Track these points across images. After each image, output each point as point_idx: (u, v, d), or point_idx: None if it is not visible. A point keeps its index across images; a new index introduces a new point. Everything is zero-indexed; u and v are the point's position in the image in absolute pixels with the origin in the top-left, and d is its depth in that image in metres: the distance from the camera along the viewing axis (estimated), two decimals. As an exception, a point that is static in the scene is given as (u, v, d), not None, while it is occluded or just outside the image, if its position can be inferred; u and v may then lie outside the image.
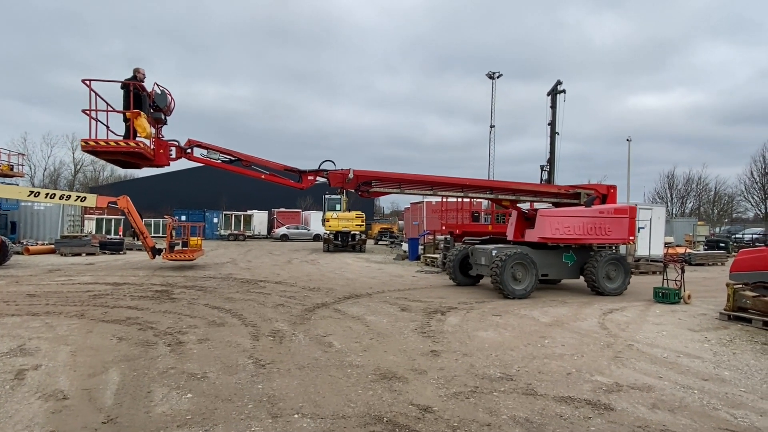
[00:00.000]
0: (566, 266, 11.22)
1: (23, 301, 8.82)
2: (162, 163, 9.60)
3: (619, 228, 11.09)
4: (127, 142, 8.65)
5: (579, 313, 8.56)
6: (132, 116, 8.65)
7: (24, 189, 17.67)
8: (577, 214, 10.93)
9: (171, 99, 9.60)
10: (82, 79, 8.63)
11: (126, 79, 9.02)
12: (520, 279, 10.17)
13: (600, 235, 10.96)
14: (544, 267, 10.85)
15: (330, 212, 26.45)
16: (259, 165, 9.97)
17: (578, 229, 10.75)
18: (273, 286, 11.57)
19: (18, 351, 5.46)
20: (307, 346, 5.98)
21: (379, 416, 3.84)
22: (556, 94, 27.54)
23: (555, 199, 11.90)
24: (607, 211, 11.11)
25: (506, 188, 11.44)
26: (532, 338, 6.58)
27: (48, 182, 55.08)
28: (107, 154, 9.13)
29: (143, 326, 6.84)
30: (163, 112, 9.46)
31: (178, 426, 3.60)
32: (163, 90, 9.45)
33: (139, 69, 9.38)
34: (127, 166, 10.39)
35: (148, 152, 8.98)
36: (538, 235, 10.84)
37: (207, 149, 9.78)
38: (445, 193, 11.53)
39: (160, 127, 9.63)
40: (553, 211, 11.20)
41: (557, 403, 4.20)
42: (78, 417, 3.73)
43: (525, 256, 10.21)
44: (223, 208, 43.74)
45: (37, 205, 25.97)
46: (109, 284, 11.34)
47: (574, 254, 11.23)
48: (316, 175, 10.15)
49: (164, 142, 9.55)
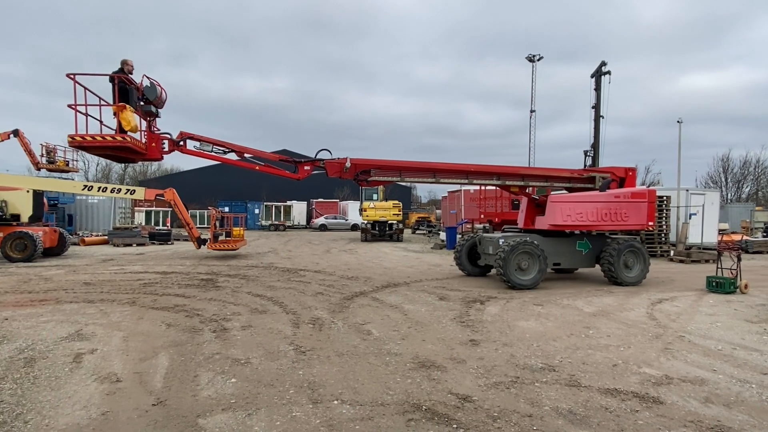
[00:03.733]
0: (580, 254, 10.66)
1: (80, 289, 9.34)
2: (154, 156, 9.48)
3: (637, 213, 10.32)
4: (114, 136, 8.53)
5: (626, 302, 8.25)
6: (117, 110, 8.54)
7: (79, 183, 18.66)
8: (590, 199, 10.28)
9: (161, 90, 9.37)
10: (67, 73, 8.47)
11: (113, 72, 8.88)
12: (526, 269, 9.68)
13: (616, 221, 10.25)
14: (555, 255, 10.39)
15: (367, 202, 26.58)
16: (254, 156, 9.86)
17: (591, 215, 10.11)
18: (312, 274, 11.76)
19: (76, 336, 5.79)
20: (346, 333, 6.04)
21: (417, 404, 3.84)
22: (600, 76, 26.48)
23: (568, 183, 11.29)
24: (623, 195, 10.36)
25: (514, 173, 10.92)
26: (576, 328, 6.39)
27: (100, 176, 58.01)
28: (96, 149, 9.01)
29: (190, 313, 7.10)
30: (154, 104, 9.31)
31: (222, 409, 3.72)
32: (152, 82, 9.29)
33: (126, 61, 9.21)
34: (121, 160, 10.31)
35: (137, 146, 8.89)
36: (549, 223, 10.32)
37: (200, 141, 9.62)
38: (449, 180, 11.12)
39: (152, 120, 9.50)
40: (564, 197, 10.62)
41: (602, 395, 4.06)
42: (130, 399, 3.92)
43: (531, 245, 9.71)
44: (264, 199, 44.80)
45: (91, 199, 27.41)
46: (158, 273, 11.84)
47: (588, 242, 10.65)
48: (313, 165, 9.95)
49: (156, 135, 9.43)
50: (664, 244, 17.48)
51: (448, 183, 11.44)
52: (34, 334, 5.83)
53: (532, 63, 47.16)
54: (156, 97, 9.24)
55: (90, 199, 27.34)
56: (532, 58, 47.08)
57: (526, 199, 11.36)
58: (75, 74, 8.56)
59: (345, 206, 44.84)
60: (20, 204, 15.36)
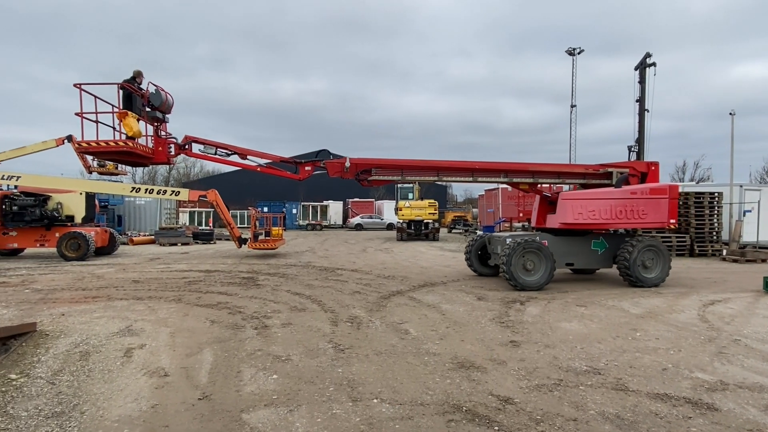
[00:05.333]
0: (596, 254, 10.13)
1: (129, 286, 9.76)
2: (161, 159, 9.89)
3: (657, 210, 9.67)
4: (116, 141, 8.98)
5: (675, 304, 7.89)
6: (119, 116, 8.97)
7: (127, 186, 19.50)
8: (604, 196, 9.71)
9: (167, 96, 9.73)
10: (74, 83, 9.04)
11: (124, 81, 9.34)
12: (532, 269, 9.28)
13: (632, 219, 9.64)
14: (568, 255, 9.95)
15: (402, 201, 26.57)
16: (255, 157, 10.01)
17: (605, 213, 9.54)
18: (349, 273, 11.85)
19: (126, 331, 6.05)
20: (384, 332, 6.05)
21: (457, 405, 3.79)
22: (645, 68, 25.47)
23: (582, 180, 10.76)
24: (641, 192, 9.70)
25: (522, 170, 10.51)
26: (622, 330, 6.16)
27: (147, 179, 60.48)
28: (101, 154, 9.50)
29: (232, 310, 7.30)
30: (160, 110, 9.65)
31: (265, 405, 3.80)
32: (157, 88, 9.63)
33: (139, 72, 9.79)
34: (131, 164, 10.77)
35: (140, 150, 9.24)
36: (559, 221, 9.85)
37: (203, 144, 9.93)
38: (452, 179, 10.86)
39: (159, 125, 9.83)
40: (576, 194, 10.09)
41: (652, 400, 3.90)
42: (177, 393, 4.06)
43: (537, 244, 9.34)
44: (301, 199, 45.54)
45: (139, 200, 28.61)
46: (201, 271, 12.23)
47: (604, 241, 10.11)
48: (313, 166, 10.00)
49: (162, 139, 9.80)
50: (715, 243, 16.63)
51: (452, 181, 11.23)
52: (88, 329, 6.13)
53: (572, 56, 45.90)
54: (161, 102, 9.65)
55: (138, 200, 28.56)
56: (572, 52, 45.82)
57: (538, 197, 11.04)
58: (82, 84, 9.08)
59: (380, 206, 45.01)
60: (74, 206, 16.21)
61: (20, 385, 4.19)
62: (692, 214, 16.56)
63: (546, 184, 11.16)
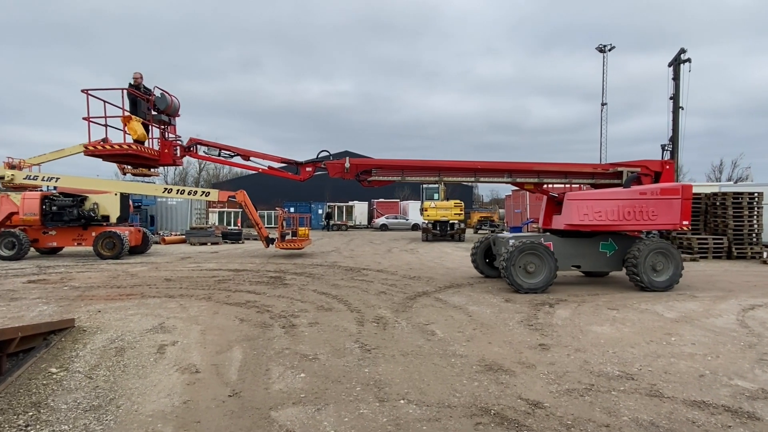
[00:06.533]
0: (604, 256, 9.75)
1: (162, 284, 10.03)
2: (167, 161, 10.17)
3: (668, 211, 9.22)
4: (120, 144, 9.27)
5: (712, 308, 7.61)
6: (123, 120, 9.28)
7: (159, 186, 20.06)
8: (611, 196, 9.33)
9: (172, 100, 10.00)
10: (82, 89, 9.48)
11: (130, 85, 9.71)
12: (533, 271, 9.02)
13: (641, 221, 9.22)
14: (574, 257, 9.64)
15: (428, 201, 26.46)
16: (258, 159, 10.18)
17: (611, 214, 9.17)
18: (375, 273, 11.88)
19: (159, 328, 6.22)
20: (410, 333, 6.04)
21: (485, 408, 3.75)
22: (679, 64, 24.72)
23: (591, 179, 10.39)
24: (651, 192, 9.28)
25: (527, 170, 10.23)
26: (656, 335, 5.98)
27: (178, 180, 62.02)
28: (109, 157, 9.79)
29: (261, 309, 7.41)
30: (165, 113, 9.91)
31: (293, 403, 3.84)
32: (162, 92, 9.91)
33: (135, 74, 10.10)
34: (139, 166, 11.08)
35: (144, 152, 9.51)
36: (565, 222, 9.52)
37: (208, 146, 10.15)
38: (454, 179, 10.66)
39: (165, 128, 10.08)
40: (582, 194, 9.75)
41: (688, 408, 3.76)
42: (208, 389, 4.15)
43: (539, 246, 9.08)
44: (327, 199, 45.91)
45: (170, 200, 29.40)
46: (230, 270, 12.47)
47: (614, 242, 9.72)
48: (314, 167, 10.09)
49: (169, 142, 10.09)
50: (755, 245, 15.96)
51: (453, 182, 11.08)
52: (123, 325, 6.33)
53: (602, 53, 44.90)
54: (166, 106, 9.97)
55: (169, 201, 29.34)
56: (603, 49, 44.83)
57: (545, 197, 10.77)
58: (89, 90, 9.50)
59: (405, 206, 45.00)
60: (109, 206, 16.77)
61: (60, 378, 4.36)
62: (730, 215, 15.94)
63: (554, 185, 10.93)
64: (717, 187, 21.23)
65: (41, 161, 23.53)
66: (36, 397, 3.94)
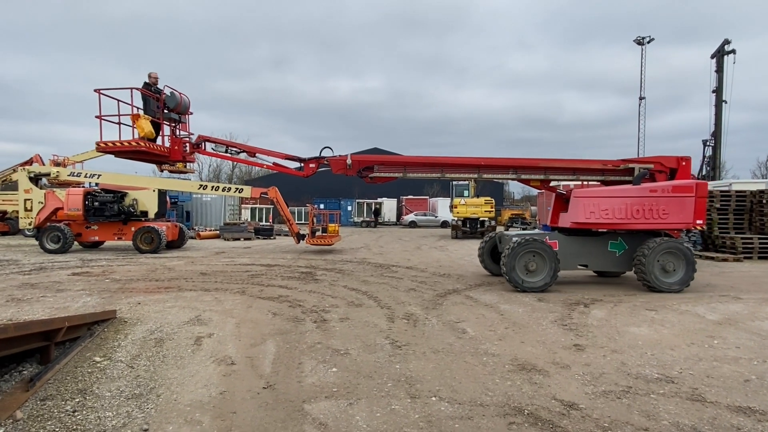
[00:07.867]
0: (613, 256, 9.37)
1: (197, 278, 10.31)
2: (177, 158, 10.50)
3: (681, 209, 8.77)
4: (129, 141, 9.58)
5: (758, 311, 7.27)
6: (132, 119, 9.62)
7: (195, 183, 20.63)
8: (619, 193, 8.95)
9: (182, 98, 10.28)
10: (94, 89, 9.88)
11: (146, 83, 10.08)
12: (534, 270, 8.78)
13: (651, 219, 8.81)
14: (581, 256, 9.33)
15: (458, 198, 26.21)
16: (263, 155, 10.37)
17: (619, 212, 8.80)
18: (404, 270, 11.88)
19: (196, 321, 6.40)
20: (441, 330, 6.02)
21: (518, 408, 3.70)
22: (722, 56, 23.68)
23: (601, 176, 10.00)
24: (662, 189, 8.84)
25: (533, 167, 9.91)
26: (697, 337, 5.76)
27: (212, 177, 63.62)
28: (120, 154, 10.09)
29: (293, 303, 7.53)
30: (176, 111, 10.20)
31: (326, 397, 3.89)
32: (172, 91, 10.20)
33: (150, 73, 10.41)
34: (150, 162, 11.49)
35: (153, 149, 9.85)
36: (571, 220, 9.21)
37: (215, 143, 10.42)
38: (457, 175, 10.45)
39: (176, 126, 10.37)
40: (588, 191, 9.38)
41: (732, 413, 3.62)
42: (243, 381, 4.24)
43: (540, 244, 8.81)
44: (356, 196, 46.16)
45: (205, 197, 30.17)
46: (263, 265, 12.70)
47: (623, 241, 9.32)
48: (318, 163, 10.17)
49: (179, 139, 10.35)
50: (805, 246, 15.14)
51: (456, 178, 10.93)
52: (161, 317, 6.54)
53: (641, 46, 43.44)
54: (176, 104, 10.30)
55: (204, 197, 30.12)
56: (641, 41, 43.37)
57: (554, 195, 10.49)
58: (101, 89, 9.93)
59: (434, 203, 44.73)
60: (148, 202, 17.34)
61: (104, 367, 4.55)
62: (778, 213, 15.18)
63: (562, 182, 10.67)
64: (764, 184, 20.22)
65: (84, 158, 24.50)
66: (82, 384, 4.12)
